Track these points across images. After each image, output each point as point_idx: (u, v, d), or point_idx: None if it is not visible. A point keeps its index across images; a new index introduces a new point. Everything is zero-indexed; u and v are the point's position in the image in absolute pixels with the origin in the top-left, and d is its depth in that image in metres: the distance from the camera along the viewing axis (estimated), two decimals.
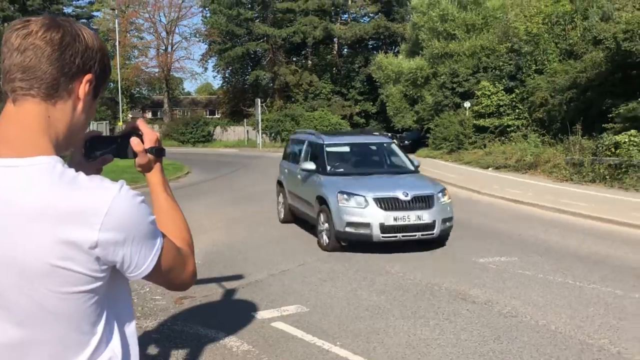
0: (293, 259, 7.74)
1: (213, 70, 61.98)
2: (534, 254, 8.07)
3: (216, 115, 60.81)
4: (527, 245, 8.68)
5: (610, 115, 19.00)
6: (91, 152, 1.34)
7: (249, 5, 51.58)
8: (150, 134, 1.35)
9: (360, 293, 6.14)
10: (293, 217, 10.27)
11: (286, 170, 10.71)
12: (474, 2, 32.45)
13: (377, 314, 5.44)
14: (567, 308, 5.63)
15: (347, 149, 9.98)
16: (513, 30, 27.70)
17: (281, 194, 10.78)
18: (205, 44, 55.96)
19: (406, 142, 40.01)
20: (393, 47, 52.31)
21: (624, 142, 16.77)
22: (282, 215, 10.68)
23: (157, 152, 1.35)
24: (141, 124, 1.37)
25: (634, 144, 16.48)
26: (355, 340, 4.75)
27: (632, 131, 17.06)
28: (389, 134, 39.76)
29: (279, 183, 11.07)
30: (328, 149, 9.47)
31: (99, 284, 1.09)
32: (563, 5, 26.21)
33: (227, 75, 57.14)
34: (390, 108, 39.26)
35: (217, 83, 78.65)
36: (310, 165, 9.07)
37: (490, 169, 21.82)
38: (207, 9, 53.62)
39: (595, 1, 25.05)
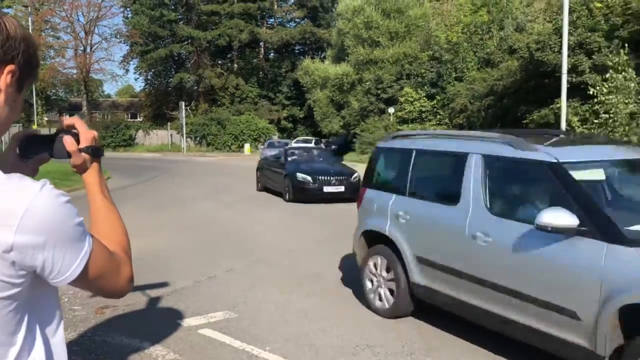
0: (220, 264, 7.60)
1: (135, 73, 60.19)
2: None
3: (138, 119, 59.08)
4: None
5: (525, 121, 20.05)
6: (26, 152, 1.26)
7: (173, 7, 50.54)
8: (86, 132, 1.27)
9: (289, 297, 6.11)
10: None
11: (408, 219, 5.16)
12: (397, 10, 33.35)
13: (307, 317, 5.43)
14: None
15: (600, 174, 4.53)
16: (434, 38, 28.71)
17: (377, 267, 5.59)
18: (127, 45, 54.33)
19: (333, 147, 40.48)
20: (319, 53, 52.86)
21: None
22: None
23: (94, 152, 1.28)
24: (77, 121, 1.29)
25: None
26: (285, 345, 4.71)
27: None
28: (316, 138, 40.15)
29: (368, 237, 5.79)
30: (576, 174, 4.10)
31: (15, 290, 1.00)
32: (481, 15, 27.46)
33: (149, 77, 55.74)
34: (318, 113, 39.61)
35: (139, 85, 76.63)
36: (568, 220, 3.65)
37: None
38: (128, 9, 52.05)
39: (510, 13, 26.40)
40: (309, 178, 13.99)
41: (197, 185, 19.06)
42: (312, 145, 33.56)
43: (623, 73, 15.93)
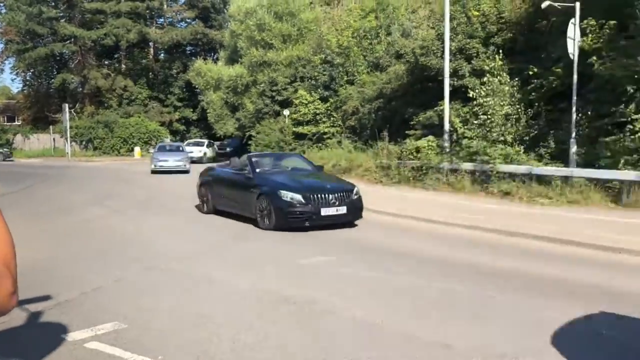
0: (109, 274, 7.25)
1: (11, 73, 55.96)
2: (350, 253, 8.56)
3: (16, 122, 54.95)
4: (344, 245, 9.16)
5: (412, 123, 20.99)
6: None
7: (53, 3, 47.54)
8: None
9: (182, 304, 5.95)
10: None
11: None
12: (288, 13, 33.59)
13: (201, 323, 5.32)
14: (380, 300, 6.05)
15: None
16: (326, 42, 29.22)
17: None
18: (1, 43, 50.33)
19: (228, 149, 39.98)
20: (212, 54, 52.08)
21: (424, 147, 18.64)
22: None
23: None
24: None
25: (432, 148, 18.40)
26: (178, 353, 4.59)
27: (430, 137, 19.06)
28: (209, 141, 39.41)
29: None
30: None
31: None
32: (370, 21, 28.31)
33: (28, 78, 52.05)
34: (212, 115, 39.00)
35: (16, 86, 71.17)
36: None
37: None
38: (1, 4, 48.29)
39: (397, 19, 27.47)
40: (299, 197, 10.21)
41: (84, 192, 18.09)
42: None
43: (498, 77, 17.17)
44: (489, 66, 17.87)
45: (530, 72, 17.19)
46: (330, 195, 10.36)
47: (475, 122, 17.65)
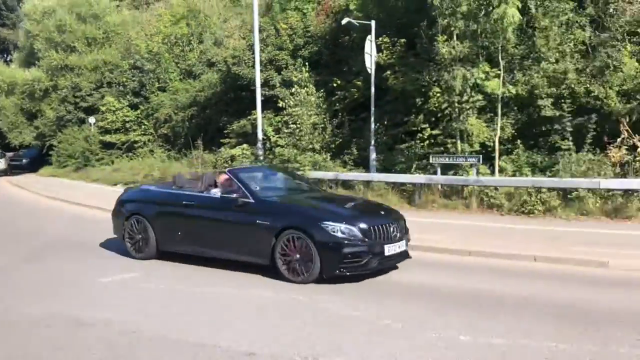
0: None
1: None
2: (156, 268, 8.26)
3: None
4: (149, 260, 8.77)
5: (227, 131, 21.07)
6: None
7: None
8: None
9: (13, 336, 5.25)
10: None
11: None
12: (92, 15, 31.62)
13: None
14: (185, 313, 5.93)
15: None
16: (135, 47, 28.00)
17: None
18: None
19: (24, 160, 36.39)
20: (5, 55, 47.05)
21: (238, 155, 18.86)
22: None
23: None
24: None
25: (246, 156, 18.68)
26: None
27: (244, 145, 19.34)
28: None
29: None
30: None
31: None
32: (181, 27, 27.73)
33: None
34: (4, 123, 35.12)
35: None
36: None
37: (118, 185, 21.54)
38: None
39: (209, 27, 27.32)
40: (354, 231, 7.06)
41: None
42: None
43: (305, 88, 17.99)
44: (297, 77, 18.62)
45: (334, 84, 18.28)
46: (392, 227, 7.47)
47: (286, 130, 18.26)
